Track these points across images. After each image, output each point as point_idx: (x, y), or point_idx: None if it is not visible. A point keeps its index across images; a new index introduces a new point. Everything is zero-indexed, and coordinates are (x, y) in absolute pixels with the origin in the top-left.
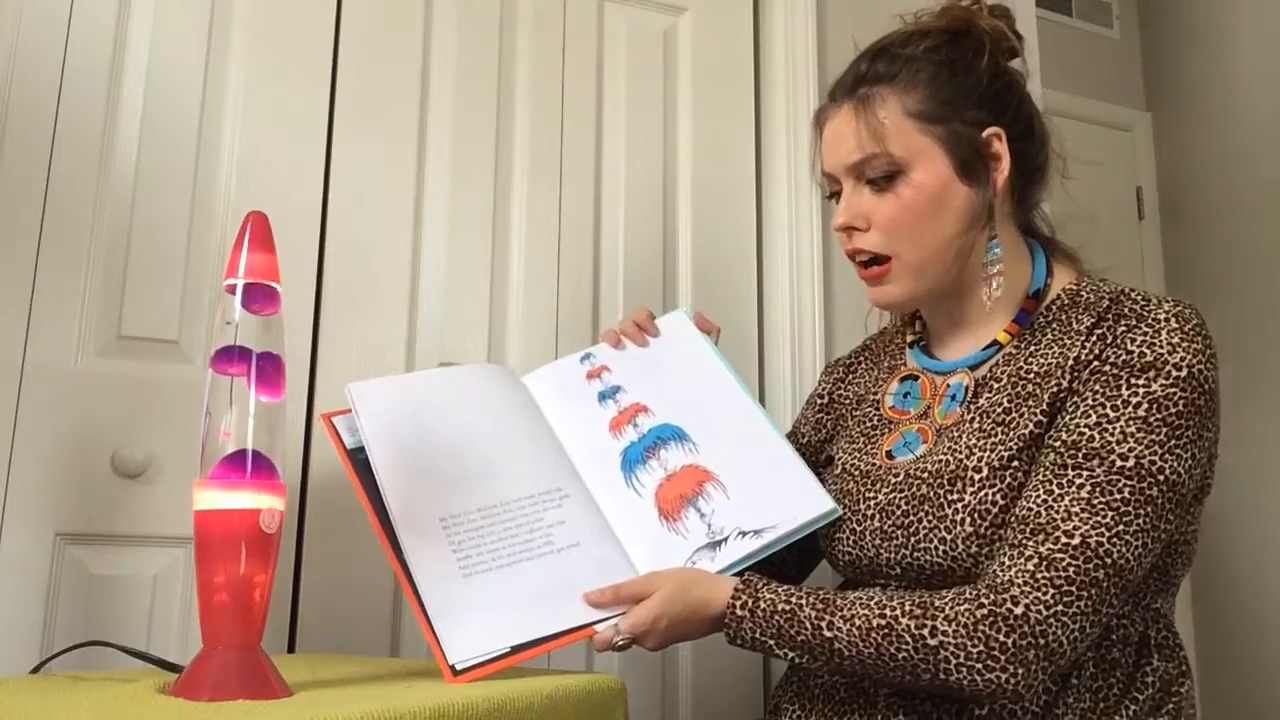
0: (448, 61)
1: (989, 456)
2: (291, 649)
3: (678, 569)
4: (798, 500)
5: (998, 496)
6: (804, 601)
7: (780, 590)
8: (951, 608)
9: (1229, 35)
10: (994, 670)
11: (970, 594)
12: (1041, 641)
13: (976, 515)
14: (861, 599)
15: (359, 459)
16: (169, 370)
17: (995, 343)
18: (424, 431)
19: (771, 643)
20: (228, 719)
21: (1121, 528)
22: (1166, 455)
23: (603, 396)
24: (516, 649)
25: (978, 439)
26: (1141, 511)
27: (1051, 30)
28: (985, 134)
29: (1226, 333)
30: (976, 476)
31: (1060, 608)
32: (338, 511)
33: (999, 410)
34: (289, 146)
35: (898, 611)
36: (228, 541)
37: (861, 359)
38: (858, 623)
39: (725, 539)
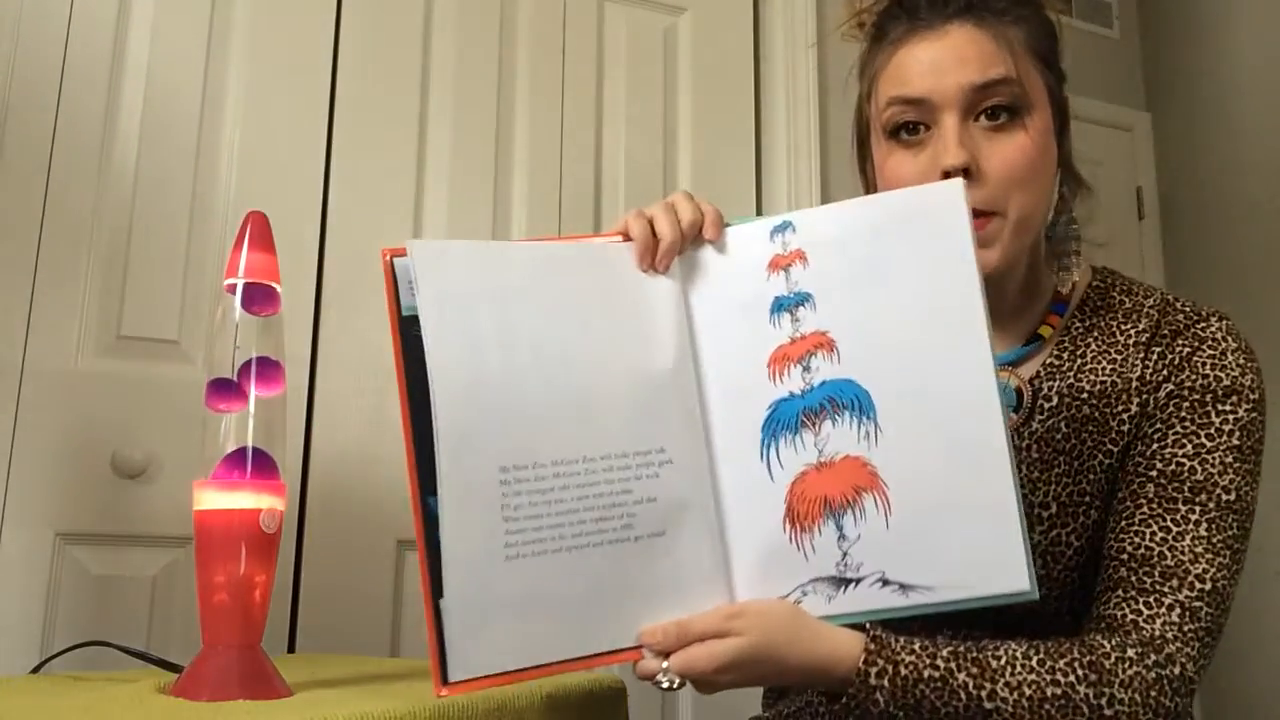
0: (448, 62)
1: (1055, 489)
2: (291, 649)
3: (768, 606)
4: (986, 562)
5: (1072, 537)
6: (955, 666)
7: (918, 648)
8: (1124, 671)
9: (1229, 35)
10: None
11: (1132, 653)
12: (1190, 699)
13: (1049, 557)
14: (1017, 658)
15: (412, 334)
16: (169, 370)
17: (1037, 336)
18: (513, 329)
19: (902, 715)
20: (228, 719)
21: (1235, 566)
22: (1253, 483)
23: (780, 306)
24: (529, 669)
25: (1040, 470)
26: (1242, 546)
27: None
28: (1065, 96)
29: None
30: (1045, 514)
31: (1203, 660)
32: (338, 511)
33: (1058, 437)
34: (289, 146)
35: (1072, 678)
36: (228, 541)
37: None
38: (1028, 691)
39: (858, 580)
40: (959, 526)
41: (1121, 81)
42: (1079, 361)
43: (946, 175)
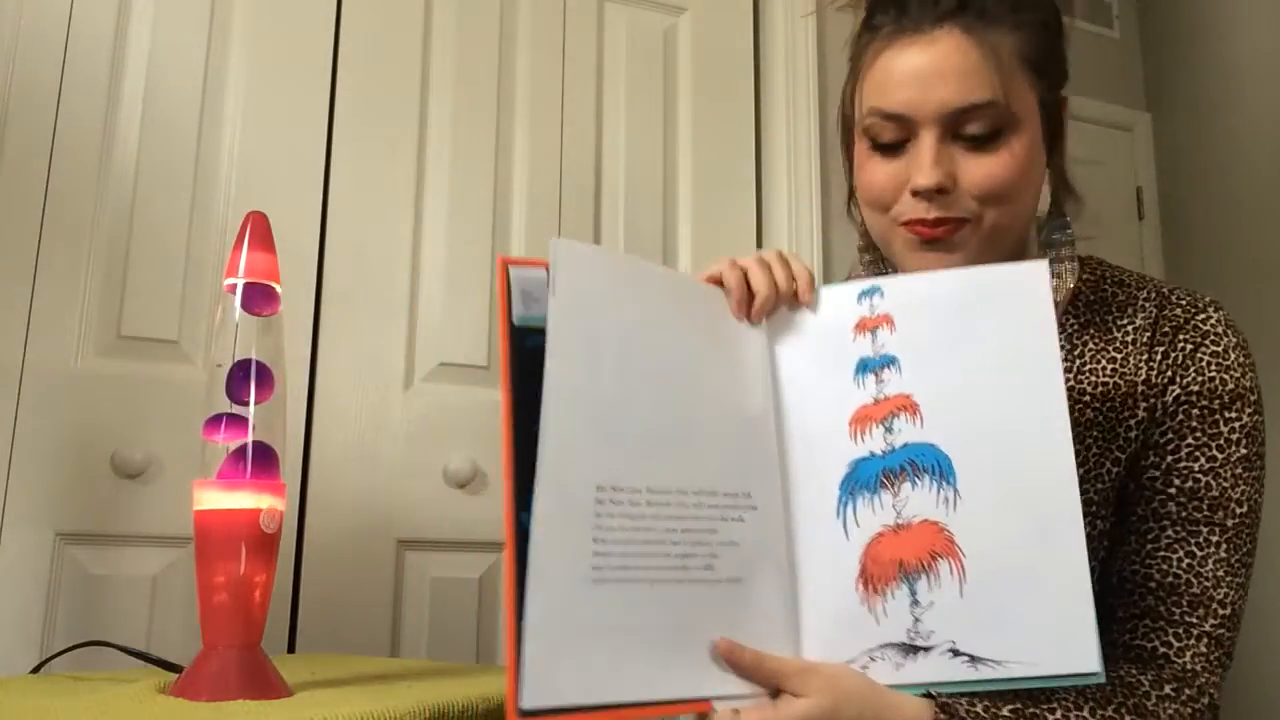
0: (448, 62)
1: None
2: (291, 649)
3: (841, 670)
4: (1056, 640)
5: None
6: None
7: (981, 711)
8: (1165, 711)
9: (1229, 36)
10: None
11: (1169, 690)
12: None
13: None
14: (1070, 710)
15: (524, 345)
16: (169, 370)
17: None
18: (632, 348)
19: None
20: (228, 719)
21: (1248, 582)
22: (1260, 489)
23: (864, 367)
24: (606, 707)
25: None
26: (1253, 559)
27: None
28: (1061, 97)
29: None
30: None
31: (1222, 684)
32: (338, 511)
33: None
34: (289, 146)
35: None
36: (228, 541)
37: None
38: None
39: (929, 648)
40: (1031, 601)
41: (1121, 81)
42: (1077, 362)
43: (917, 194)
